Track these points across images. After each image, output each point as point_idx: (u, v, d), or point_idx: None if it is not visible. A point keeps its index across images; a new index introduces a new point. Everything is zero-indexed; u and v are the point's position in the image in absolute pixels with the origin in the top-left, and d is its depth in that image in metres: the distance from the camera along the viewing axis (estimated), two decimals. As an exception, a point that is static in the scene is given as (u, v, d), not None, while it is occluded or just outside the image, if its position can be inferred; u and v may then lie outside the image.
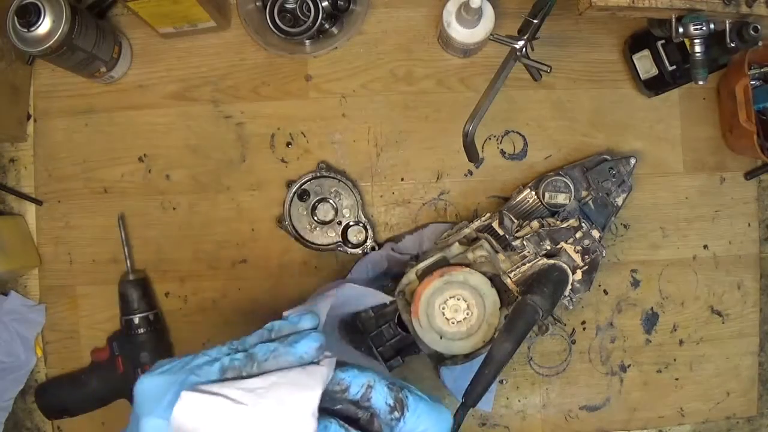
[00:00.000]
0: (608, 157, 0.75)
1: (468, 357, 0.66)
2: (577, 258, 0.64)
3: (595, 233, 0.65)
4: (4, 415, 0.76)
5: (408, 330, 0.68)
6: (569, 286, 0.63)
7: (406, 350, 0.71)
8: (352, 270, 0.77)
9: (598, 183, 0.73)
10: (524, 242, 0.64)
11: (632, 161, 0.74)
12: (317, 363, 0.39)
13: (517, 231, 0.66)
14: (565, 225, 0.65)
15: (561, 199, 0.71)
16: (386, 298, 0.67)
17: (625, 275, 0.81)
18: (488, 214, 0.69)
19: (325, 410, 0.41)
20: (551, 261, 0.63)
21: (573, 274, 0.63)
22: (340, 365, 0.42)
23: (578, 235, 0.65)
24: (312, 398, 0.37)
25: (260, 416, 0.35)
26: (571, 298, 0.65)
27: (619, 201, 0.73)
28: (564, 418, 0.81)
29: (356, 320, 0.70)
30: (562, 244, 0.64)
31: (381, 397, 0.42)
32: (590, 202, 0.73)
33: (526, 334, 0.56)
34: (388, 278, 0.74)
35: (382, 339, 0.70)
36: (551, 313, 0.61)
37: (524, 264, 0.63)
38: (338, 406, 0.43)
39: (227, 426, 0.35)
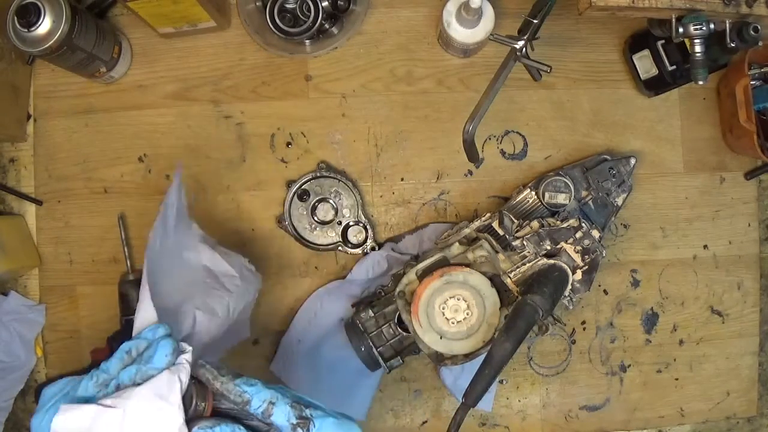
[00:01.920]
0: (608, 157, 0.75)
1: (468, 357, 0.66)
2: (577, 258, 0.64)
3: (595, 233, 0.65)
4: (4, 415, 0.76)
5: (408, 330, 0.67)
6: (569, 286, 0.63)
7: (406, 350, 0.71)
8: (352, 270, 0.77)
9: (598, 183, 0.73)
10: (524, 242, 0.64)
11: (632, 161, 0.74)
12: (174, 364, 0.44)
13: (517, 231, 0.66)
14: (565, 225, 0.65)
15: (561, 199, 0.71)
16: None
17: (625, 275, 0.81)
18: (488, 214, 0.69)
19: (238, 421, 0.44)
20: (551, 261, 0.63)
21: (573, 274, 0.63)
22: (248, 379, 0.45)
23: (578, 235, 0.65)
24: (174, 390, 0.41)
25: (130, 414, 0.40)
26: (571, 298, 0.65)
27: (619, 201, 0.73)
28: (564, 418, 0.81)
29: (356, 320, 0.70)
30: (562, 244, 0.64)
31: (283, 415, 0.43)
32: (590, 202, 0.73)
33: (526, 334, 0.56)
34: (388, 278, 0.74)
35: (382, 339, 0.70)
36: (551, 313, 0.61)
37: (524, 264, 0.63)
38: (253, 422, 0.45)
39: (100, 427, 0.40)
